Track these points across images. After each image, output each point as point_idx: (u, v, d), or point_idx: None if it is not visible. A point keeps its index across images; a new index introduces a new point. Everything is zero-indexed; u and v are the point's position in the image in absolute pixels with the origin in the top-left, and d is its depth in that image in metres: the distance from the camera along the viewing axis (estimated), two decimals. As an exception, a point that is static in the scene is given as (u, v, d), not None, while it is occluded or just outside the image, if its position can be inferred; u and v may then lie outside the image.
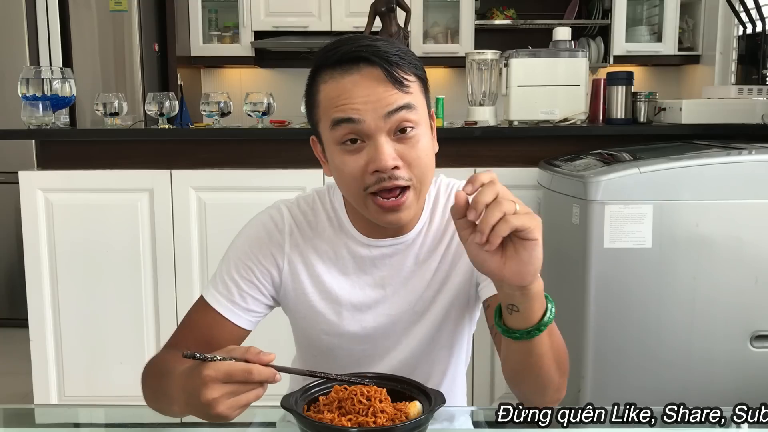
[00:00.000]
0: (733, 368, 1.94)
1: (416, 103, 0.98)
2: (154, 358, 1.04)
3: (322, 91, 1.00)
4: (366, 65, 0.96)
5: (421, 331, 1.10)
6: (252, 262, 1.08)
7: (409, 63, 0.99)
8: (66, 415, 1.34)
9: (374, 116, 0.95)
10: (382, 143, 0.95)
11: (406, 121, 0.96)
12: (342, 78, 0.97)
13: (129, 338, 2.49)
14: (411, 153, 0.97)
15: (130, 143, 2.52)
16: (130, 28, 3.85)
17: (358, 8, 4.10)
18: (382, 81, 0.96)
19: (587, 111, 2.57)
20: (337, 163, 1.00)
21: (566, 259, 2.07)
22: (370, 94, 0.95)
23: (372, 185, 0.97)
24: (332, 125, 0.97)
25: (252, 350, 0.81)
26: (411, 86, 0.98)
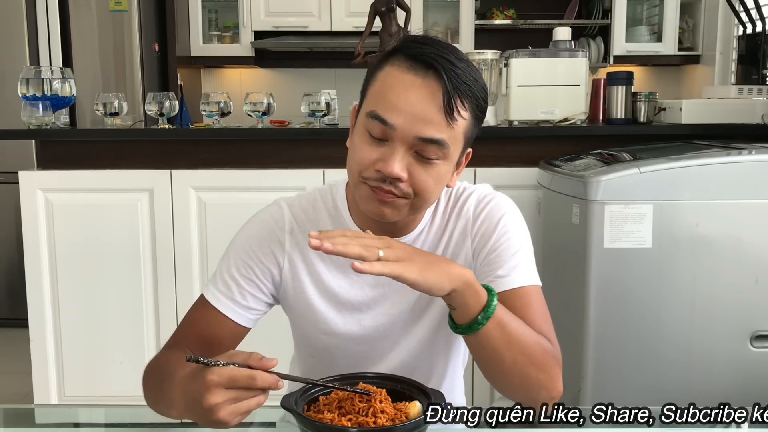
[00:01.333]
0: (733, 368, 1.94)
1: (452, 142, 0.97)
2: (155, 358, 1.04)
3: (385, 71, 0.98)
4: (433, 77, 0.94)
5: (420, 332, 1.10)
6: (252, 260, 1.08)
7: (474, 97, 0.97)
8: (66, 415, 1.34)
9: (408, 128, 0.94)
10: (398, 152, 0.95)
11: (432, 153, 0.96)
12: (407, 72, 0.95)
13: (129, 338, 2.49)
14: (421, 175, 0.97)
15: (130, 143, 2.52)
16: (130, 28, 3.85)
17: (358, 8, 4.10)
18: (436, 101, 0.94)
19: (587, 111, 2.57)
20: (356, 142, 1.00)
21: (566, 259, 2.07)
22: (417, 106, 0.94)
23: (371, 179, 0.97)
24: (369, 114, 0.97)
25: (254, 356, 0.81)
26: (459, 122, 0.96)
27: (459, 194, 1.12)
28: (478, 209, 1.10)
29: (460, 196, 1.12)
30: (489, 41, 4.11)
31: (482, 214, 1.09)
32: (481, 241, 1.07)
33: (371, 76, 1.01)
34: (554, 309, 1.08)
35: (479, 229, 1.08)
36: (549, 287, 1.12)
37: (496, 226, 1.07)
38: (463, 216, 1.10)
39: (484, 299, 0.90)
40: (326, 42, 4.33)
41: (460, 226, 1.10)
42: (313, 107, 2.52)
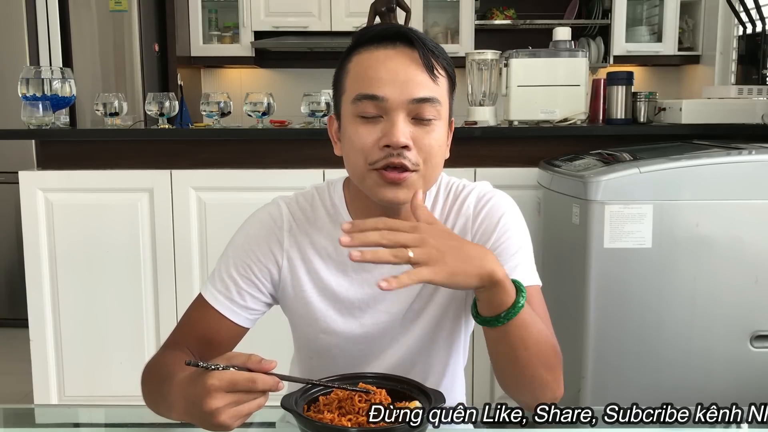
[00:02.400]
0: (733, 368, 1.94)
1: (442, 100, 0.99)
2: (153, 359, 1.04)
3: (353, 61, 1.00)
4: (403, 44, 0.97)
5: (419, 329, 1.10)
6: (251, 259, 1.08)
7: (443, 57, 1.00)
8: (66, 415, 1.34)
9: (399, 96, 0.96)
10: (398, 121, 0.96)
11: (428, 112, 0.98)
12: (376, 50, 0.98)
13: (129, 338, 2.49)
14: (425, 139, 0.98)
15: (130, 143, 2.52)
16: (130, 28, 3.85)
17: (358, 8, 4.10)
18: (416, 62, 0.97)
19: (587, 111, 2.57)
20: (350, 134, 1.00)
21: (566, 259, 2.07)
22: (400, 71, 0.96)
23: (379, 160, 0.97)
24: (355, 99, 0.98)
25: (253, 358, 0.80)
26: (440, 79, 0.99)
27: (459, 191, 1.12)
28: (478, 207, 1.10)
29: (460, 193, 1.12)
30: (489, 41, 4.11)
31: (482, 212, 1.09)
32: (481, 239, 1.07)
33: (341, 72, 1.03)
34: (554, 309, 1.08)
35: (479, 228, 1.08)
36: (549, 287, 1.12)
37: (496, 225, 1.07)
38: (463, 214, 1.10)
39: (511, 299, 0.89)
40: (326, 42, 4.33)
41: (460, 223, 1.10)
42: (313, 107, 2.52)
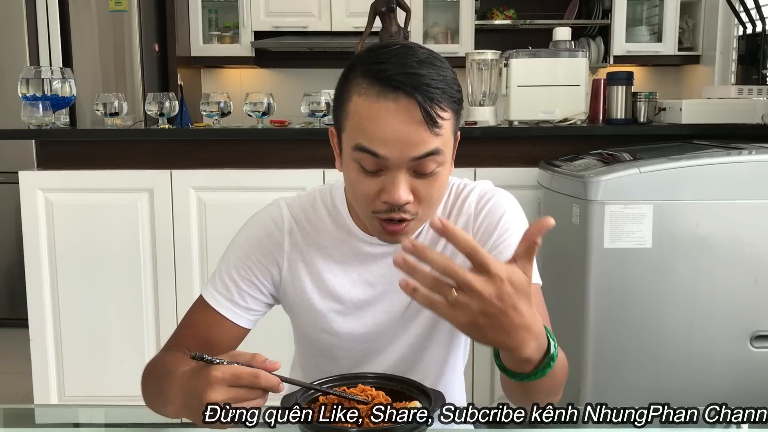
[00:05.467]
0: (733, 368, 1.94)
1: (444, 145, 0.95)
2: (153, 359, 1.04)
3: (354, 102, 0.95)
4: (404, 97, 0.91)
5: (418, 328, 1.10)
6: (251, 261, 1.08)
7: (449, 96, 0.94)
8: (66, 415, 1.34)
9: (399, 155, 0.92)
10: (399, 180, 0.94)
11: (430, 165, 0.94)
12: (377, 101, 0.92)
13: (129, 338, 2.49)
14: (426, 190, 0.96)
15: (130, 143, 2.52)
16: (130, 28, 3.84)
17: (358, 8, 4.10)
18: (416, 119, 0.91)
19: (587, 111, 2.57)
20: (351, 177, 0.98)
21: (566, 259, 2.07)
22: (401, 131, 0.91)
23: (381, 212, 0.97)
24: (355, 148, 0.95)
25: (258, 357, 0.80)
26: (444, 125, 0.94)
27: (460, 190, 1.12)
28: (479, 206, 1.10)
29: (461, 192, 1.12)
30: (489, 41, 4.11)
31: (484, 210, 1.09)
32: (482, 237, 1.07)
33: (341, 104, 0.97)
34: (554, 309, 1.08)
35: (481, 226, 1.08)
36: (549, 287, 1.12)
37: (498, 223, 1.07)
38: (464, 213, 1.10)
39: (544, 349, 0.81)
40: (326, 42, 4.33)
41: (461, 222, 1.10)
42: (313, 107, 2.52)
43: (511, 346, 0.77)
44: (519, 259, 0.76)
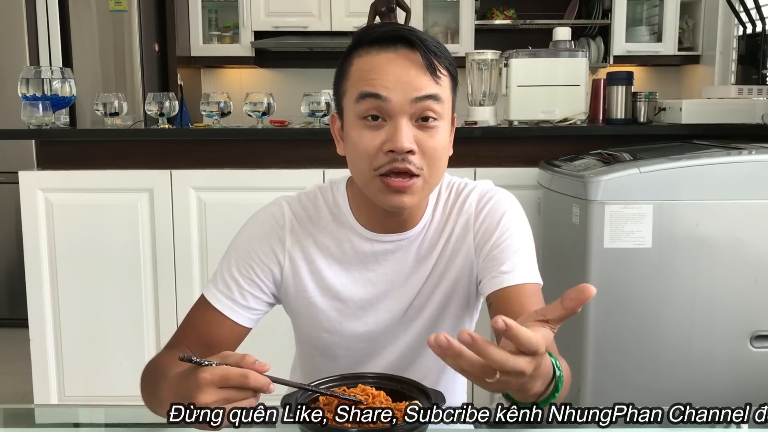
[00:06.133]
0: (733, 368, 1.94)
1: (444, 97, 0.99)
2: (153, 359, 1.04)
3: (355, 64, 1.00)
4: (404, 46, 0.98)
5: (419, 326, 1.10)
6: (252, 260, 1.08)
7: (444, 57, 1.00)
8: (66, 415, 1.34)
9: (402, 97, 0.96)
10: (402, 125, 0.96)
11: (431, 110, 0.98)
12: (377, 53, 0.98)
13: (129, 338, 2.49)
14: (428, 142, 0.98)
15: (130, 143, 2.52)
16: (130, 28, 3.84)
17: (358, 8, 4.10)
18: (417, 64, 0.97)
19: (587, 111, 2.57)
20: (353, 138, 1.00)
21: (566, 259, 2.07)
22: (402, 74, 0.96)
23: (384, 165, 0.97)
24: (358, 98, 0.98)
25: (247, 358, 0.79)
26: (442, 79, 0.99)
27: (460, 190, 1.12)
28: (480, 205, 1.10)
29: (462, 191, 1.12)
30: (489, 41, 4.11)
31: (485, 209, 1.09)
32: (483, 236, 1.08)
33: (342, 74, 1.03)
34: (554, 309, 1.08)
35: (482, 225, 1.08)
36: (549, 287, 1.12)
37: (498, 223, 1.07)
38: (465, 212, 1.10)
39: (551, 376, 0.78)
40: (326, 42, 4.33)
41: (462, 221, 1.10)
42: (313, 107, 2.52)
43: (529, 395, 0.76)
44: (552, 323, 0.72)
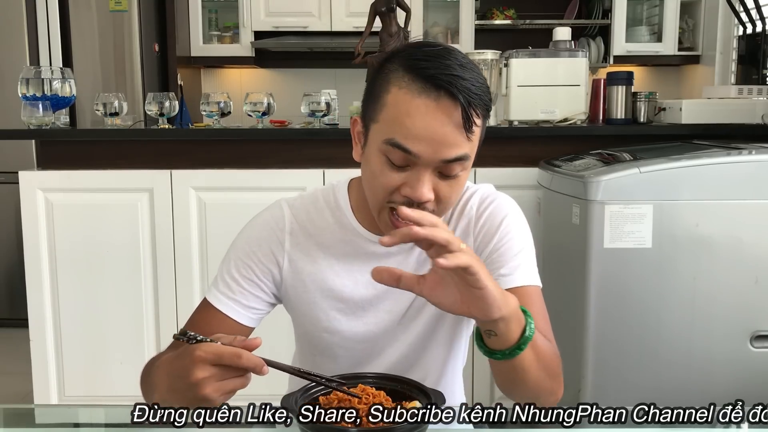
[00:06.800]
0: (733, 368, 1.94)
1: (472, 151, 0.97)
2: (149, 361, 1.04)
3: (393, 95, 0.95)
4: (446, 97, 0.92)
5: (419, 327, 1.11)
6: (252, 261, 1.09)
7: (484, 103, 0.95)
8: (66, 415, 1.34)
9: (431, 155, 0.93)
10: (425, 179, 0.95)
11: (457, 169, 0.96)
12: (419, 96, 0.92)
13: (129, 338, 2.49)
14: (447, 192, 0.97)
15: (130, 143, 2.52)
16: (130, 28, 3.85)
17: (358, 8, 4.10)
18: (454, 121, 0.92)
19: (587, 111, 2.57)
20: (373, 167, 0.98)
21: (566, 259, 2.07)
22: (437, 132, 0.92)
23: (397, 202, 0.97)
24: (387, 142, 0.95)
25: (238, 338, 0.81)
26: (476, 132, 0.95)
27: (462, 193, 1.12)
28: (481, 208, 1.10)
29: (463, 195, 1.12)
30: (489, 41, 4.11)
31: (485, 213, 1.10)
32: (484, 239, 1.08)
33: (377, 95, 0.98)
34: (554, 309, 1.08)
35: (482, 228, 1.09)
36: (549, 287, 1.12)
37: (499, 226, 1.08)
38: (466, 215, 1.10)
39: (518, 333, 0.87)
40: (326, 42, 4.33)
41: (462, 224, 1.10)
42: (313, 107, 2.52)
43: (507, 300, 0.84)
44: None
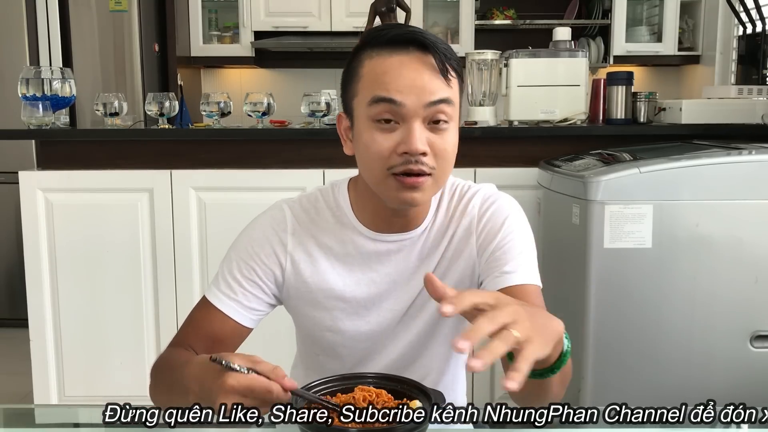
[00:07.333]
0: (733, 368, 1.94)
1: (454, 100, 1.00)
2: (162, 356, 1.04)
3: (367, 66, 1.00)
4: (416, 49, 0.98)
5: (420, 325, 1.11)
6: (254, 261, 1.09)
7: (454, 59, 1.01)
8: (66, 415, 1.34)
9: (416, 102, 0.97)
10: (416, 128, 0.97)
11: (443, 113, 0.98)
12: (390, 56, 0.98)
13: (129, 338, 2.49)
14: (440, 144, 0.99)
15: (130, 143, 2.52)
16: (130, 28, 3.84)
17: (358, 8, 4.10)
18: (430, 67, 0.98)
19: (587, 111, 2.57)
20: (365, 139, 1.00)
21: (566, 259, 2.07)
22: (416, 78, 0.97)
23: (397, 166, 0.98)
24: (371, 102, 0.98)
25: (278, 371, 0.80)
26: (452, 81, 1.00)
27: (463, 192, 1.13)
28: (483, 207, 1.11)
29: (465, 194, 1.12)
30: (489, 41, 4.11)
31: (488, 212, 1.10)
32: (486, 238, 1.08)
33: (352, 75, 1.03)
34: (554, 309, 1.08)
35: (485, 227, 1.09)
36: (549, 287, 1.12)
37: (501, 226, 1.08)
38: (468, 214, 1.11)
39: (558, 352, 0.82)
40: (326, 42, 4.33)
41: (465, 223, 1.10)
42: (313, 107, 2.52)
43: (558, 334, 0.79)
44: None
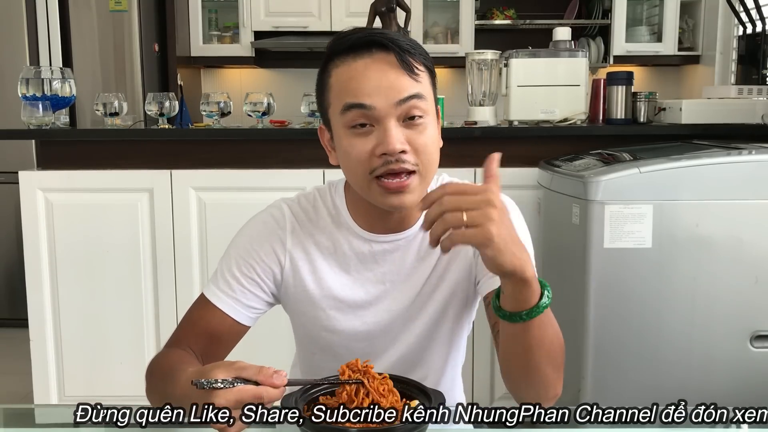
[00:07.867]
0: (733, 368, 1.94)
1: (426, 94, 1.01)
2: (156, 357, 1.04)
3: (334, 75, 1.01)
4: (378, 50, 0.99)
5: (419, 327, 1.11)
6: (253, 259, 1.09)
7: (419, 53, 1.01)
8: (66, 415, 1.34)
9: (385, 102, 0.97)
10: (391, 128, 0.97)
11: (416, 108, 0.99)
12: (354, 62, 0.99)
13: (129, 338, 2.49)
14: (418, 139, 0.99)
15: (130, 143, 2.52)
16: (130, 28, 3.85)
17: (358, 8, 4.10)
18: (394, 66, 0.98)
19: (587, 111, 2.57)
20: (345, 147, 1.01)
21: (566, 259, 2.07)
22: (382, 78, 0.98)
23: (379, 167, 0.98)
24: (343, 109, 0.99)
25: (265, 372, 0.79)
26: (421, 75, 1.00)
27: None
28: None
29: None
30: (489, 41, 4.11)
31: None
32: None
33: (323, 87, 1.04)
34: (554, 309, 1.08)
35: None
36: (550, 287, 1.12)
37: None
38: None
39: (536, 298, 0.85)
40: (326, 42, 4.29)
41: None
42: (313, 107, 2.52)
43: (520, 261, 0.81)
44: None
